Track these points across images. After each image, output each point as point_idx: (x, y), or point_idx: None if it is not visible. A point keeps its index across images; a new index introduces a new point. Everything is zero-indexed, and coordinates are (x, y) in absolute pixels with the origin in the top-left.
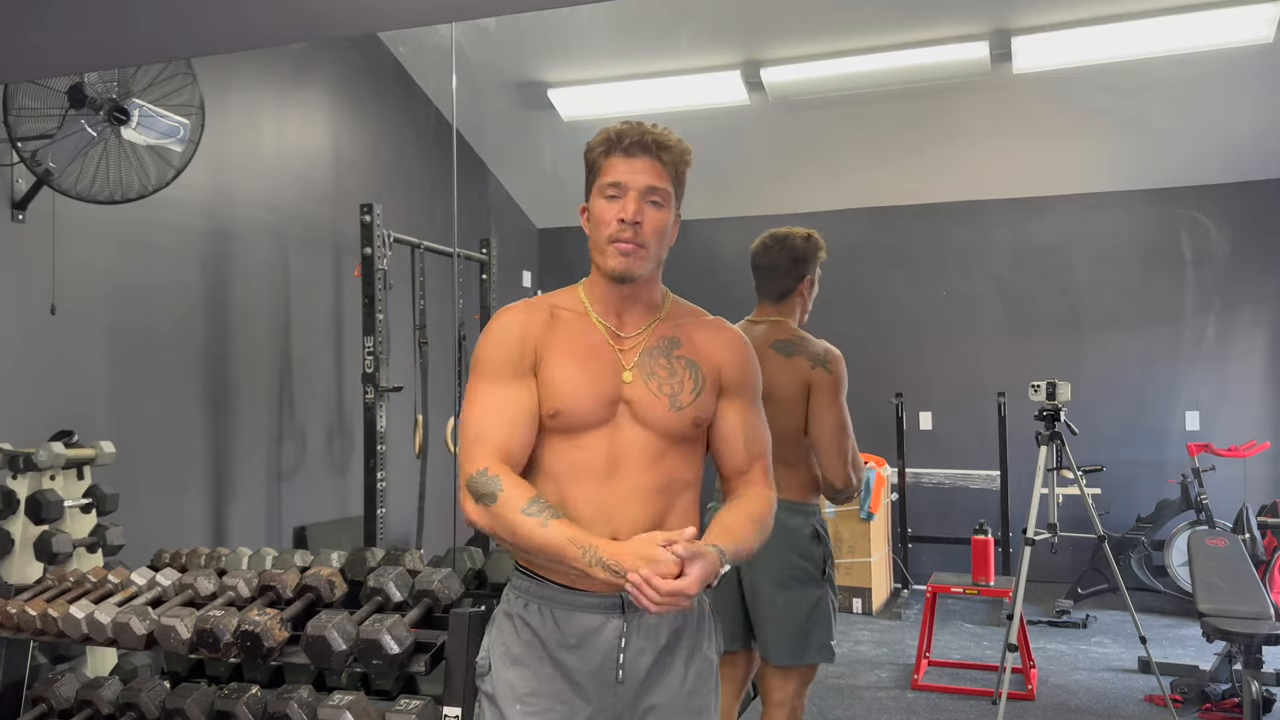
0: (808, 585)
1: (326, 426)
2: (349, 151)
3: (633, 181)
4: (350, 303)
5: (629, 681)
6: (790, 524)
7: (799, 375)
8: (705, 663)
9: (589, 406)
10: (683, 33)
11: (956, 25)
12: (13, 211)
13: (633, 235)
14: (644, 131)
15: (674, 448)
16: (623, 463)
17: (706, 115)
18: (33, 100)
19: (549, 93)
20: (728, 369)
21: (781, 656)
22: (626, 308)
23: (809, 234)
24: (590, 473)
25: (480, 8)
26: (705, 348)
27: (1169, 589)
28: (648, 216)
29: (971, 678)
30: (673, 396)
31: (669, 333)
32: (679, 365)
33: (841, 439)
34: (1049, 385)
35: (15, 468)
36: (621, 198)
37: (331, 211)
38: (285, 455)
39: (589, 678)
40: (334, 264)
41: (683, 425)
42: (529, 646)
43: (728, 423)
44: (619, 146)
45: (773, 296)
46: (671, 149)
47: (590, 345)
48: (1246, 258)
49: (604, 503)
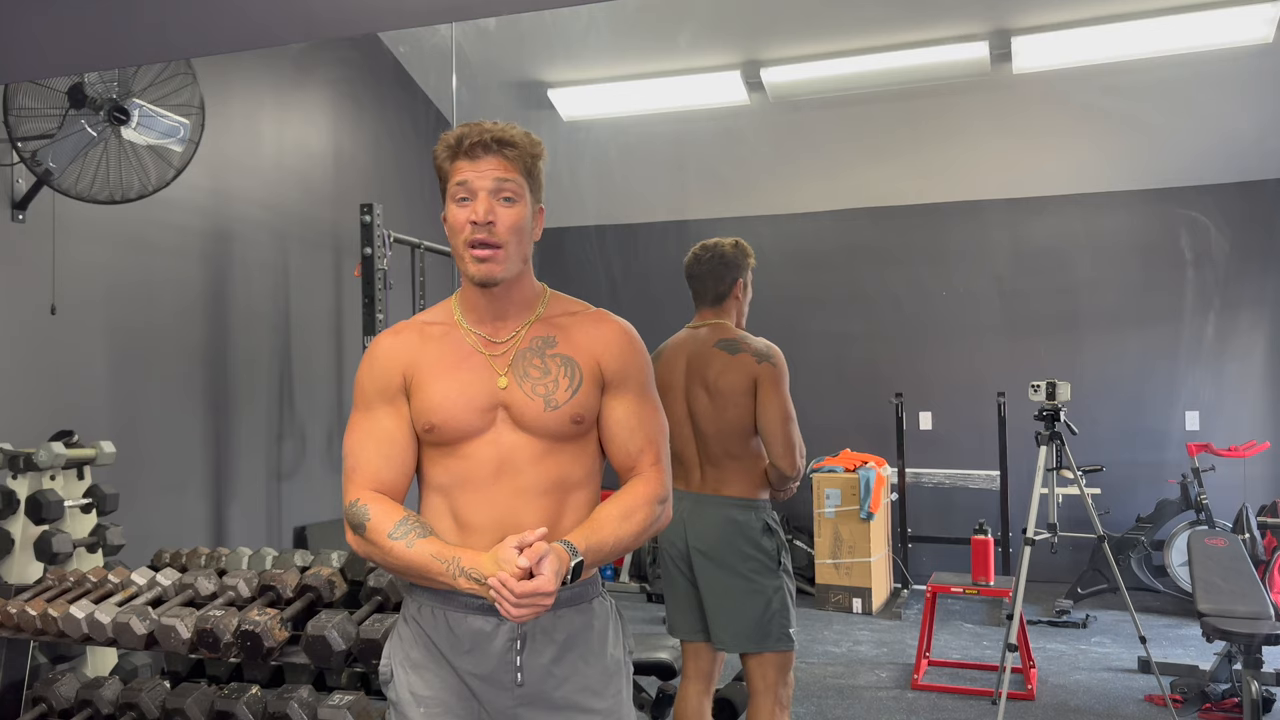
0: (764, 575)
1: (326, 426)
2: (349, 151)
3: (479, 182)
4: (350, 303)
5: (528, 684)
6: (741, 518)
7: (745, 371)
8: (612, 662)
9: (462, 417)
10: (683, 33)
11: (956, 25)
12: (13, 211)
13: (487, 235)
14: (484, 130)
15: (559, 447)
16: (507, 468)
17: (706, 115)
18: (33, 100)
19: (549, 93)
20: (609, 361)
21: (738, 644)
22: (498, 311)
23: (736, 241)
24: (476, 481)
25: (480, 8)
26: (583, 342)
27: (1169, 589)
28: (500, 215)
29: (971, 678)
30: (547, 397)
31: (544, 332)
32: (554, 364)
33: (788, 428)
34: (1049, 385)
35: (15, 468)
36: (471, 200)
37: (331, 211)
38: (285, 455)
39: (484, 681)
40: (334, 264)
41: (560, 424)
42: (426, 650)
43: (612, 416)
44: (461, 150)
45: (709, 301)
46: (516, 144)
47: (460, 356)
48: (1246, 258)
49: (494, 509)
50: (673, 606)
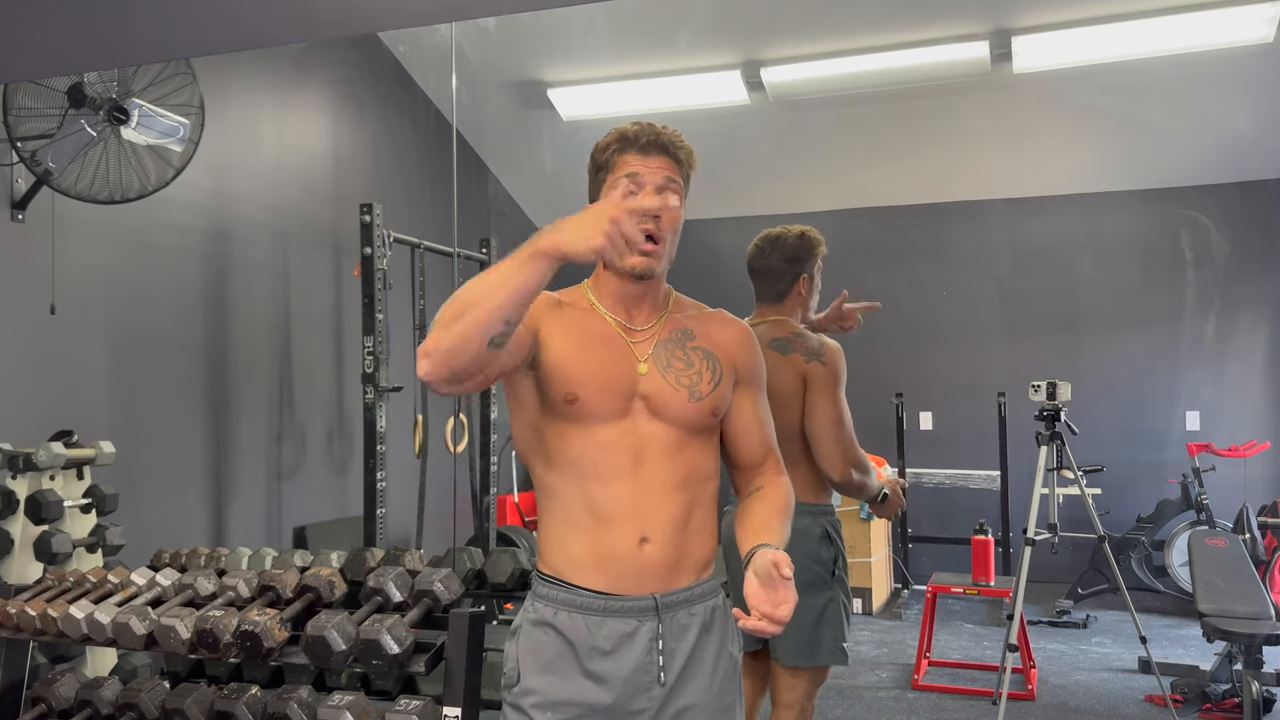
0: (818, 587)
1: (326, 426)
2: (349, 151)
3: (650, 177)
4: (350, 303)
5: (667, 684)
6: (799, 524)
7: (796, 371)
8: (730, 661)
9: (605, 395)
10: (683, 33)
11: (956, 25)
12: (13, 211)
13: (654, 228)
14: (658, 131)
15: (693, 439)
16: (645, 458)
17: (706, 115)
18: (33, 100)
19: (549, 93)
20: (741, 360)
21: (790, 658)
22: (636, 305)
23: (803, 231)
24: (614, 470)
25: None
26: (720, 339)
27: (1169, 589)
28: (665, 212)
29: (972, 678)
30: (691, 388)
31: (682, 325)
32: (695, 356)
33: (838, 432)
34: (1049, 385)
35: (15, 468)
36: (639, 192)
37: (331, 211)
38: (285, 455)
39: (622, 684)
40: (334, 264)
41: (702, 416)
42: (561, 654)
43: (744, 413)
44: (635, 145)
45: (770, 298)
46: (686, 148)
47: (601, 335)
48: (1246, 258)
49: (631, 500)
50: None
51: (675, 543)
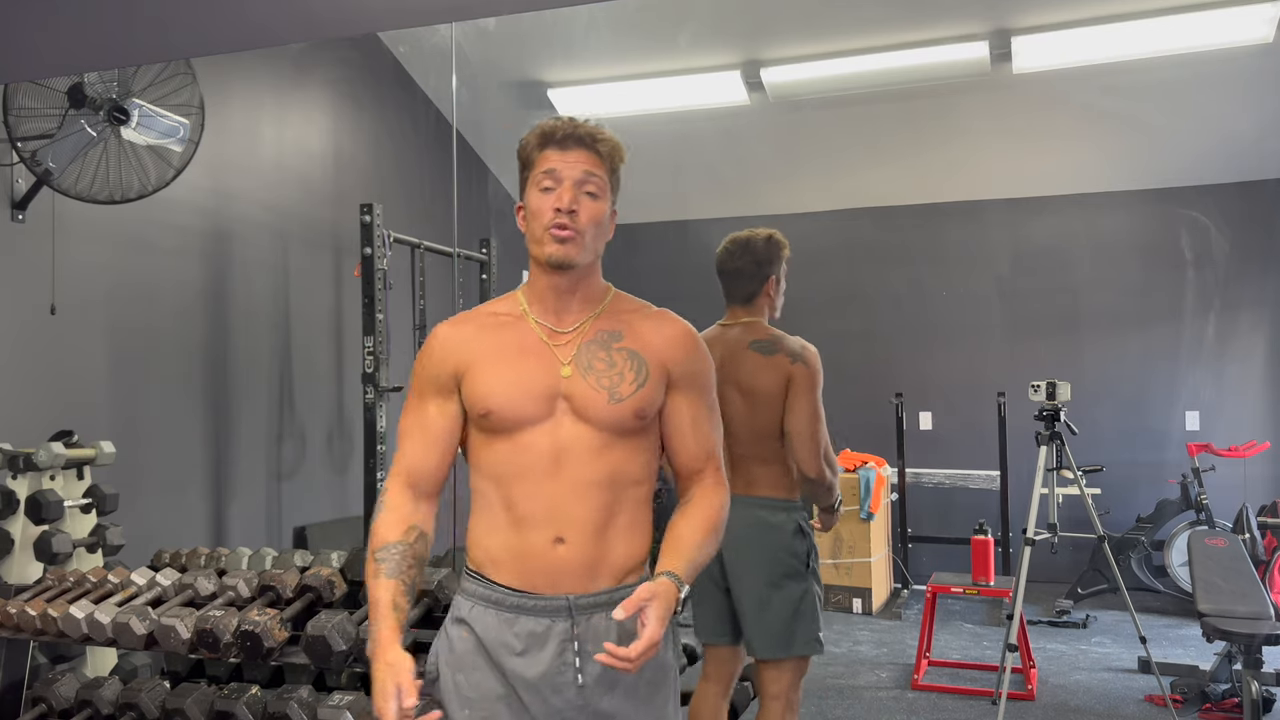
0: (794, 579)
1: (326, 426)
2: (349, 151)
3: (568, 172)
4: (350, 303)
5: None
6: (774, 520)
7: (780, 372)
8: (660, 669)
9: (521, 403)
10: (683, 33)
11: (956, 25)
12: (13, 211)
13: (569, 221)
14: (577, 125)
15: (618, 441)
16: (565, 459)
17: (706, 115)
18: (33, 100)
19: (549, 93)
20: (675, 361)
21: (769, 650)
22: (565, 303)
23: (770, 234)
24: (533, 471)
25: (480, 8)
26: (651, 339)
27: (1169, 589)
28: (584, 206)
29: (971, 678)
30: (611, 389)
31: (610, 325)
32: (619, 357)
33: (816, 430)
34: (1049, 385)
35: (15, 468)
36: (557, 188)
37: (331, 211)
38: (285, 455)
39: (534, 683)
40: (334, 264)
41: (623, 418)
42: (474, 651)
43: (679, 416)
44: (553, 140)
45: (740, 299)
46: (606, 140)
47: (522, 345)
48: (1246, 258)
49: (549, 500)
50: (698, 609)
51: (593, 545)
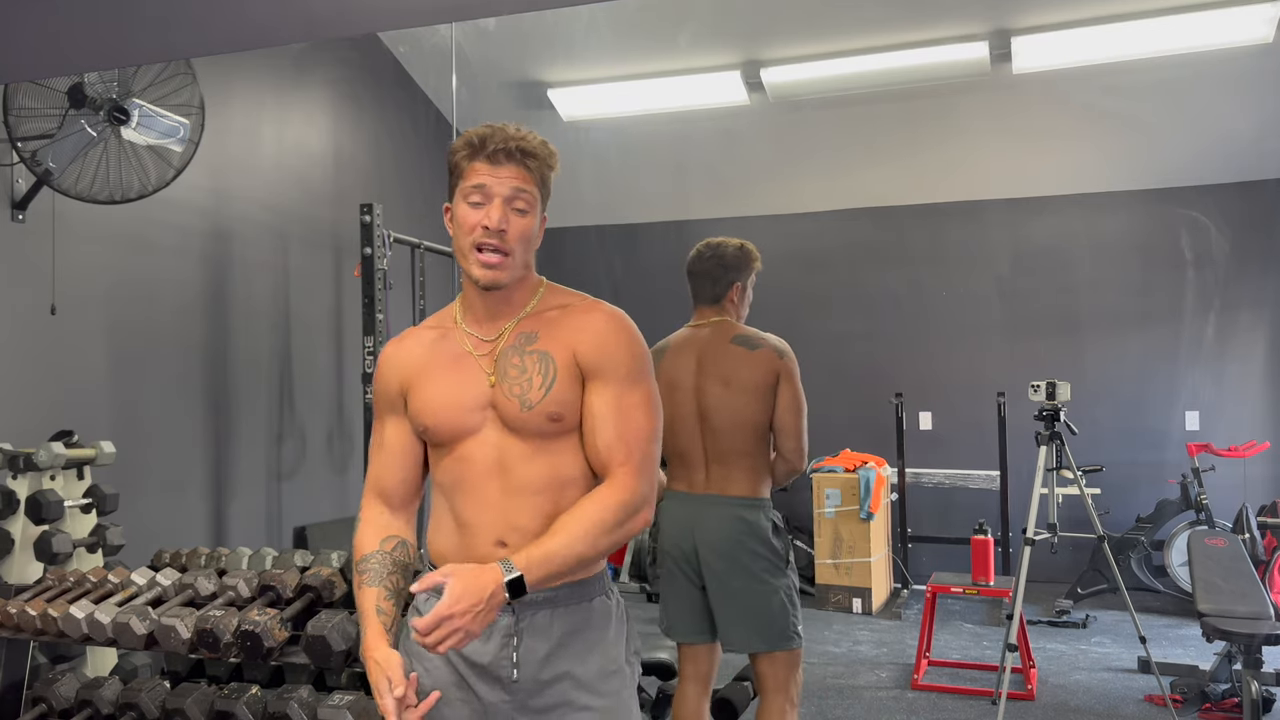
0: (774, 575)
1: (326, 426)
2: (349, 151)
3: (497, 188)
4: (350, 303)
5: (523, 679)
6: (751, 518)
7: (768, 366)
8: (610, 661)
9: (452, 417)
10: (683, 33)
11: (956, 25)
12: (13, 211)
13: (498, 242)
14: (508, 137)
15: (549, 445)
16: (501, 467)
17: (706, 115)
18: (33, 100)
19: (549, 93)
20: (586, 351)
21: (753, 645)
22: (493, 312)
23: (743, 244)
24: (472, 481)
25: (480, 8)
26: (563, 335)
27: (1169, 589)
28: (512, 223)
29: (971, 678)
30: (522, 396)
31: (528, 328)
32: (530, 361)
33: (802, 422)
34: (1049, 385)
35: (15, 468)
36: (486, 204)
37: (331, 211)
38: (285, 455)
39: (481, 673)
40: (334, 264)
41: (538, 423)
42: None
43: (589, 410)
44: (483, 152)
45: (707, 299)
46: (537, 156)
47: (454, 357)
48: (1246, 258)
49: (490, 509)
50: (674, 609)
51: None
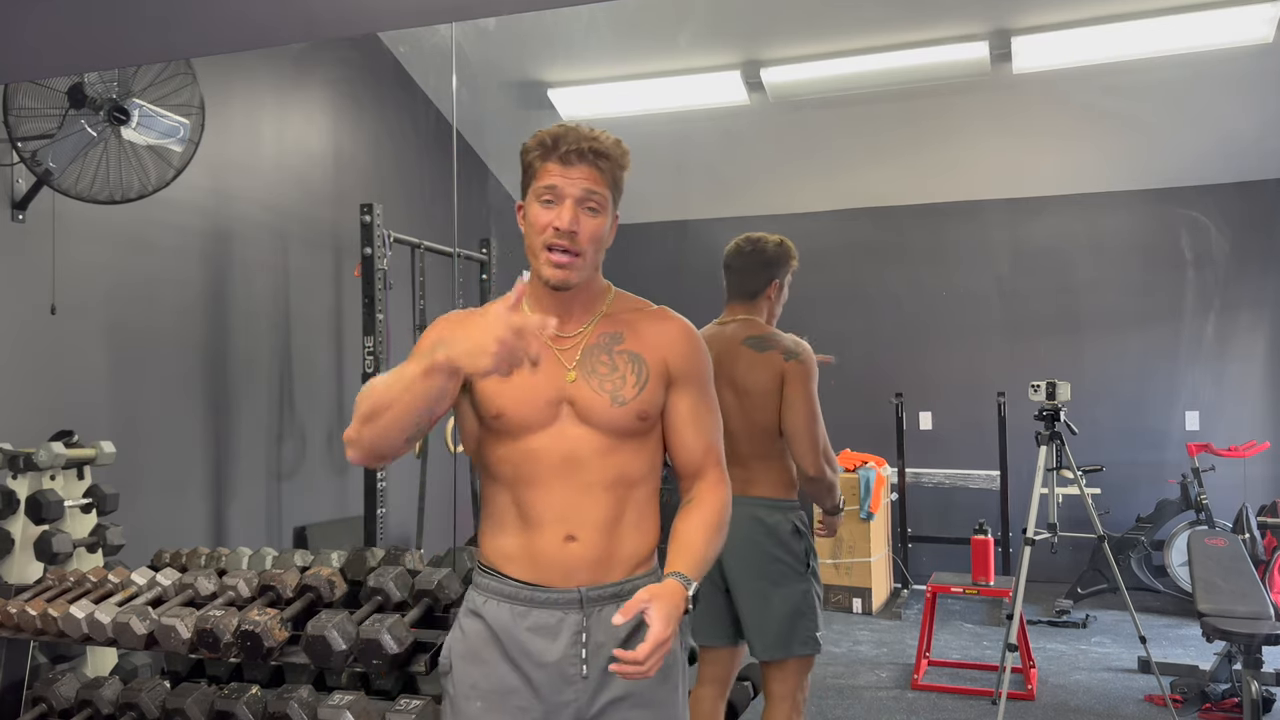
0: (792, 580)
1: (326, 426)
2: (349, 151)
3: (569, 189)
4: (350, 303)
5: (592, 675)
6: (770, 520)
7: (773, 369)
8: (670, 656)
9: (528, 408)
10: (683, 33)
11: (956, 25)
12: (13, 211)
13: (569, 244)
14: (581, 138)
15: (623, 444)
16: (572, 462)
17: (706, 115)
18: (33, 100)
19: (549, 93)
20: (675, 358)
21: (769, 651)
22: (567, 308)
23: (781, 240)
24: (541, 475)
25: (480, 8)
26: (650, 339)
27: (1169, 589)
28: (584, 224)
29: (971, 678)
30: (614, 393)
31: (611, 328)
32: (621, 360)
33: (814, 429)
34: (1049, 385)
35: (15, 468)
36: (557, 204)
37: (331, 211)
38: (285, 455)
39: (546, 674)
40: (334, 264)
41: (627, 421)
42: (487, 643)
43: (678, 413)
44: (555, 153)
45: (742, 296)
46: (610, 157)
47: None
48: (1246, 258)
49: (558, 504)
50: (698, 611)
51: (603, 542)
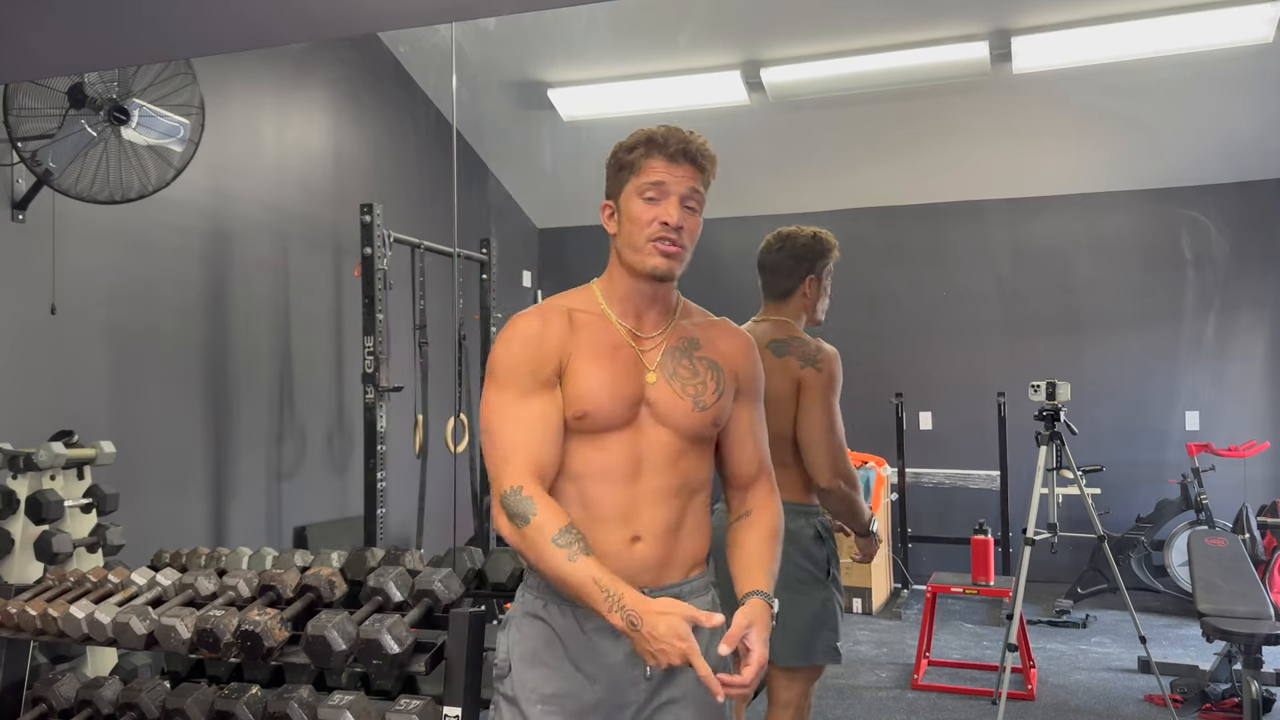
0: (812, 586)
1: (326, 426)
2: (349, 151)
3: (674, 186)
4: (350, 303)
5: (655, 673)
6: (792, 526)
7: (788, 375)
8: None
9: (611, 407)
10: (683, 33)
11: (956, 25)
12: (13, 211)
13: (675, 238)
14: (685, 138)
15: (692, 448)
16: (644, 464)
17: (706, 115)
18: (33, 100)
19: (549, 93)
20: (743, 371)
21: (787, 658)
22: (647, 309)
23: (816, 232)
24: (613, 474)
25: (480, 8)
26: (724, 349)
27: (1169, 589)
28: (687, 221)
29: (971, 678)
30: (696, 397)
31: (689, 333)
32: (701, 365)
33: (829, 441)
34: (1049, 385)
35: (15, 468)
36: (662, 200)
37: (331, 211)
38: (285, 455)
39: (610, 676)
40: (334, 264)
41: (704, 425)
42: (550, 645)
43: (740, 425)
44: (664, 150)
45: (776, 295)
46: (711, 156)
47: (612, 346)
48: (1246, 258)
49: (625, 504)
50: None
51: (666, 544)
